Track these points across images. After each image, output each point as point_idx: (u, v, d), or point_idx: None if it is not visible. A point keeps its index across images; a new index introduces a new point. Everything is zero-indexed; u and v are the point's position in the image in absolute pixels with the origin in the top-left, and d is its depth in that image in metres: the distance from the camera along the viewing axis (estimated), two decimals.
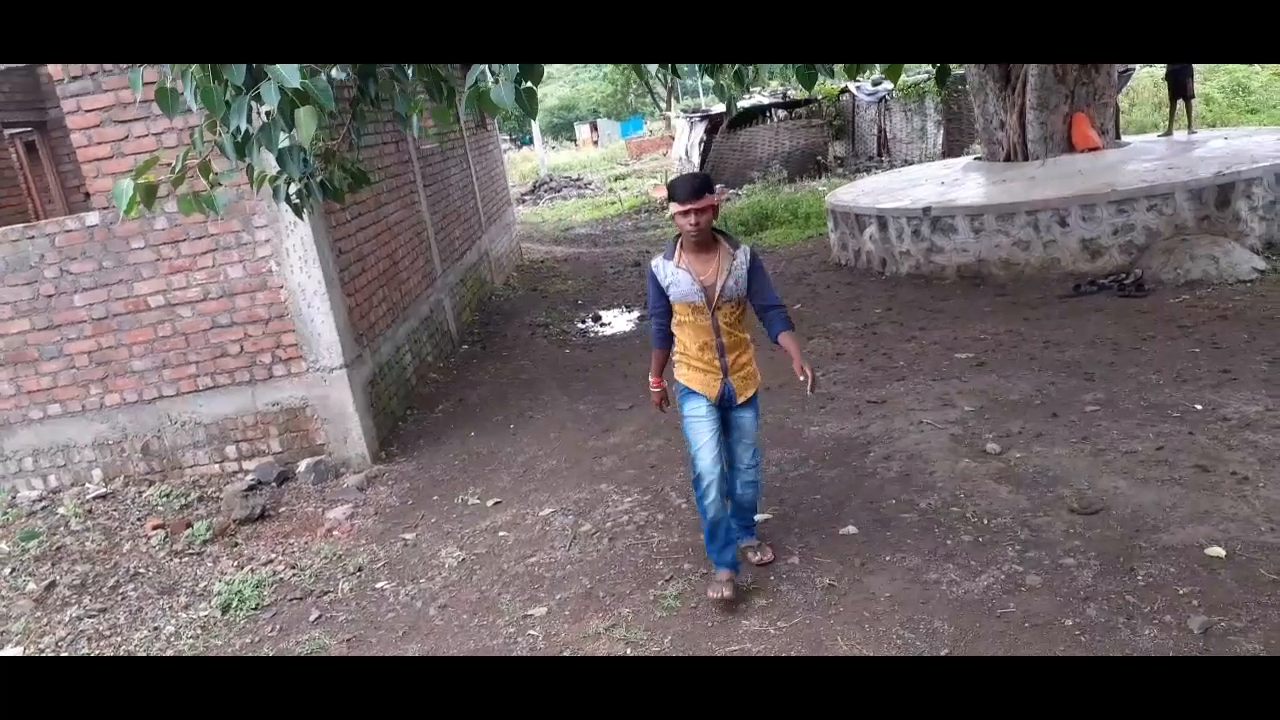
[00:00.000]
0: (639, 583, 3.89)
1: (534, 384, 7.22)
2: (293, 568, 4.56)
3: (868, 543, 3.91)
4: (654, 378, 3.78)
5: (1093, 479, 4.16)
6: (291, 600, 4.26)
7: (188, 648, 3.98)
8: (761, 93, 22.47)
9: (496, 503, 5.00)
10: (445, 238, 9.18)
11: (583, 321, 9.41)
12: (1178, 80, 10.70)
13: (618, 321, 9.29)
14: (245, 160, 3.36)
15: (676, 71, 4.37)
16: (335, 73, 3.54)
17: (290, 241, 5.43)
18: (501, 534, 4.60)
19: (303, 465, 5.63)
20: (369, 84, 3.75)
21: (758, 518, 4.07)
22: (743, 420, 3.64)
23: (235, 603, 4.24)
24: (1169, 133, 10.83)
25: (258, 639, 3.98)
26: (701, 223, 3.35)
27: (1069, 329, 6.46)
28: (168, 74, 3.25)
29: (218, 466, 5.72)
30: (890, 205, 9.13)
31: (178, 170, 3.40)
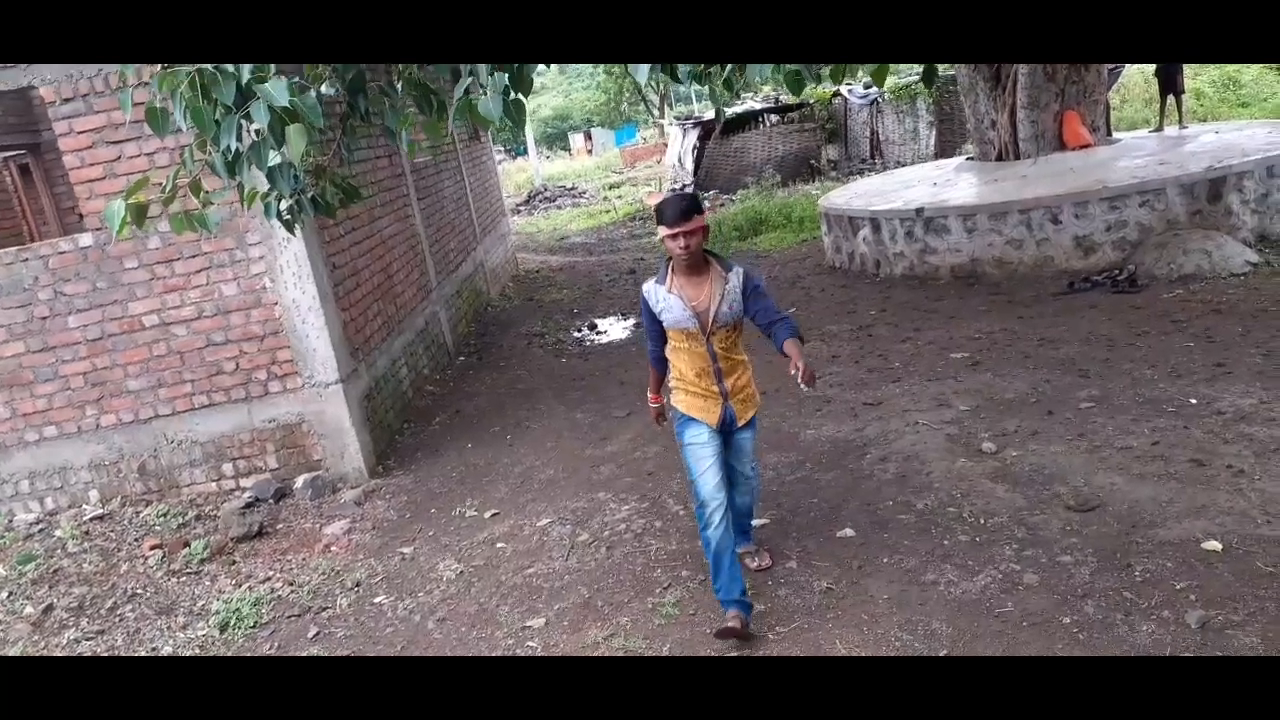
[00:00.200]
0: (637, 591, 3.88)
1: (531, 394, 7.22)
2: (291, 584, 4.56)
3: (865, 545, 3.90)
4: (652, 394, 3.75)
5: (1089, 476, 4.16)
6: (290, 618, 4.25)
7: None
8: (754, 98, 22.56)
9: (494, 514, 5.00)
10: (440, 250, 9.19)
11: (579, 330, 9.41)
12: (1168, 75, 10.72)
13: (613, 329, 9.30)
14: (236, 178, 3.38)
15: (675, 75, 4.34)
16: (325, 89, 3.56)
17: (284, 258, 5.44)
18: (499, 545, 4.60)
19: (300, 481, 5.62)
20: (359, 99, 3.76)
21: (755, 523, 4.06)
22: (743, 441, 3.57)
23: (233, 621, 4.24)
24: (1160, 128, 10.87)
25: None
26: (691, 245, 3.23)
27: (1063, 326, 6.47)
28: (157, 94, 3.27)
29: (215, 485, 5.71)
30: (883, 207, 9.15)
31: (168, 190, 3.41)
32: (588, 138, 46.26)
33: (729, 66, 3.96)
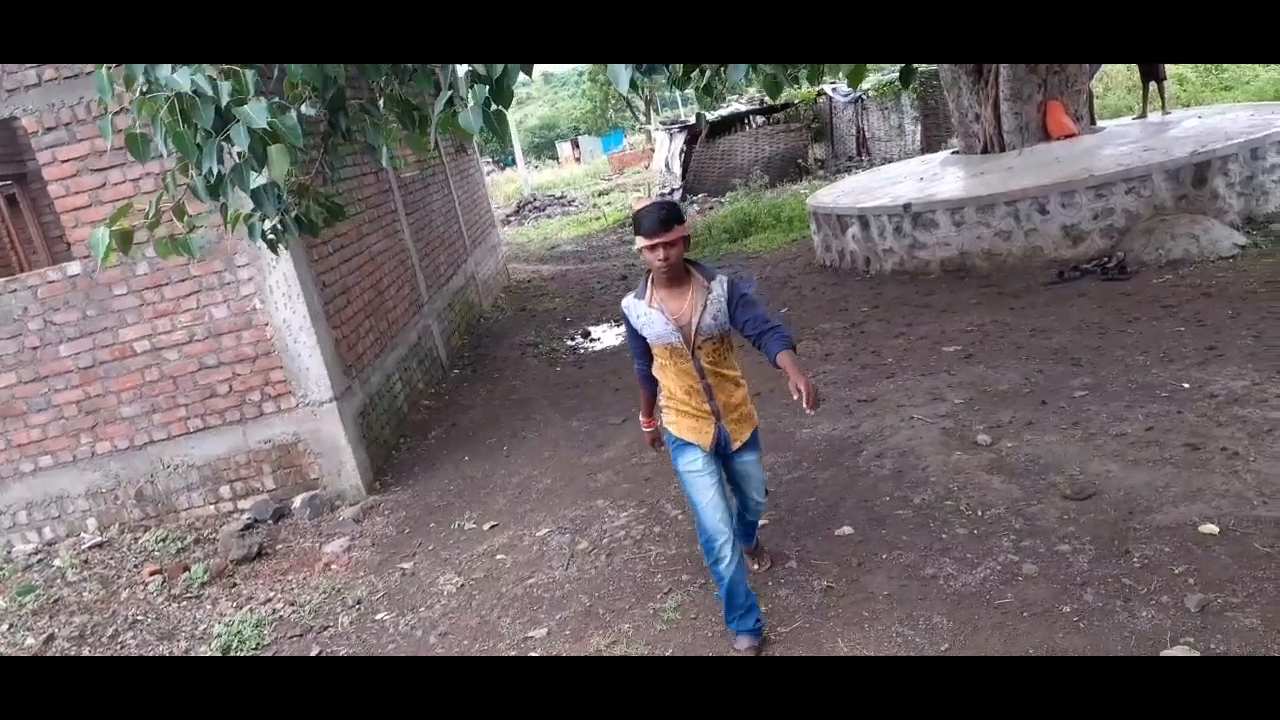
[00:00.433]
0: (638, 597, 3.88)
1: (526, 404, 7.22)
2: (292, 605, 4.55)
3: (864, 542, 3.91)
4: (644, 418, 3.58)
5: (1084, 464, 4.16)
6: (292, 638, 4.24)
7: None
8: (739, 100, 22.61)
9: (493, 526, 5.00)
10: (430, 264, 9.19)
11: (572, 338, 9.41)
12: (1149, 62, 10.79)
13: (607, 336, 9.30)
14: (219, 200, 3.38)
15: (648, 77, 4.34)
16: (305, 109, 3.56)
17: (273, 278, 5.43)
18: (499, 557, 4.60)
19: (298, 501, 5.61)
20: (339, 117, 3.76)
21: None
22: (748, 466, 3.37)
23: (235, 644, 4.22)
24: (1143, 115, 10.91)
25: None
26: (670, 257, 3.00)
27: (1054, 316, 6.49)
28: (137, 119, 3.27)
29: (213, 507, 5.70)
30: (871, 204, 9.17)
31: (152, 215, 3.41)
32: (575, 146, 46.36)
33: (709, 72, 3.98)
